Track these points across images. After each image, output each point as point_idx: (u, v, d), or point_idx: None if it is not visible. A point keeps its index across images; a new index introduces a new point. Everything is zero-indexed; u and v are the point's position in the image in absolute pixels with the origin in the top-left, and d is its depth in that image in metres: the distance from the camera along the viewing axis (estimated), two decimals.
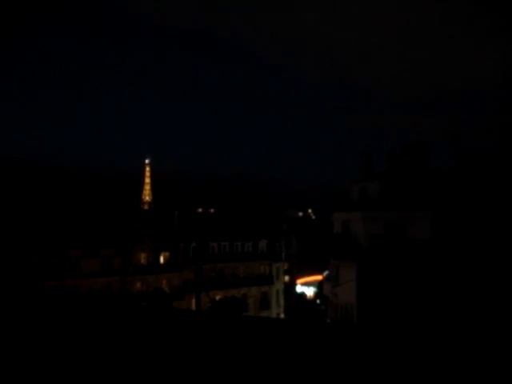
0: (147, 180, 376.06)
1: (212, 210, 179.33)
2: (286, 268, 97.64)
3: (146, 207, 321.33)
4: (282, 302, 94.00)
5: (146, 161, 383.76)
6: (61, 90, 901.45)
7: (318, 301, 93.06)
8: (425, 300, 41.34)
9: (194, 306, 79.26)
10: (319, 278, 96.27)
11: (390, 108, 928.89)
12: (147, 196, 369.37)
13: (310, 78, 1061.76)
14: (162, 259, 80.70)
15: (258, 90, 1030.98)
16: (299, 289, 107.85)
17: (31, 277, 68.11)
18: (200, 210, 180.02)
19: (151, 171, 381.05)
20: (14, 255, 68.53)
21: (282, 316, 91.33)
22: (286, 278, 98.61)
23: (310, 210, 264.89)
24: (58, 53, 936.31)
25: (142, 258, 78.79)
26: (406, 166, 49.67)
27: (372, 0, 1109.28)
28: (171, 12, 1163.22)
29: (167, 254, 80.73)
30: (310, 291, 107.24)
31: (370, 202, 48.05)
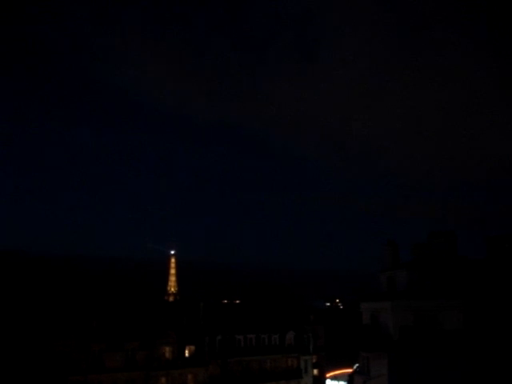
0: (172, 271, 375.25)
1: (237, 301, 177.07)
2: (314, 361, 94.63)
3: (171, 298, 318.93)
4: None
5: (172, 252, 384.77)
6: (78, 179, 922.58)
7: None
8: None
9: None
10: (349, 370, 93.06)
11: (416, 197, 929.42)
12: (172, 287, 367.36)
13: (333, 168, 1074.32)
14: (187, 353, 78.93)
15: (281, 180, 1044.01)
16: (329, 383, 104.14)
17: (55, 371, 67.06)
18: (225, 301, 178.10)
19: (176, 262, 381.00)
20: (39, 349, 67.80)
21: None
22: (315, 372, 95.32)
23: (337, 300, 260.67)
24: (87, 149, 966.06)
25: (167, 351, 77.18)
26: (433, 253, 48.84)
27: (397, 97, 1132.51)
28: (185, 105, 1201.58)
29: (192, 347, 79.03)
30: None
31: (399, 292, 46.98)
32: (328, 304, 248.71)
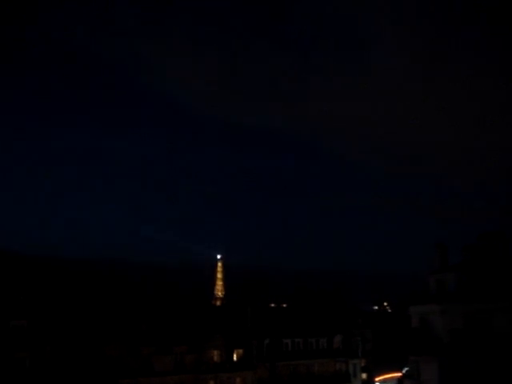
0: (219, 275, 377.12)
1: (284, 305, 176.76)
2: (363, 365, 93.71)
3: (218, 303, 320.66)
4: None
5: (218, 256, 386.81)
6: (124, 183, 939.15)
7: None
8: None
9: None
10: (398, 375, 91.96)
11: (463, 197, 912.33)
12: (219, 291, 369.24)
13: (378, 170, 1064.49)
14: (235, 356, 79.30)
15: (329, 183, 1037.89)
16: None
17: (105, 374, 68.28)
18: (272, 304, 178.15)
19: (223, 266, 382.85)
20: (90, 353, 69.16)
21: None
22: (364, 376, 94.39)
23: (385, 304, 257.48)
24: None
25: (215, 355, 77.65)
26: (483, 255, 47.88)
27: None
28: (225, 108, 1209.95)
29: (240, 351, 79.32)
30: None
31: (449, 295, 46.22)
32: (376, 307, 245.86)
